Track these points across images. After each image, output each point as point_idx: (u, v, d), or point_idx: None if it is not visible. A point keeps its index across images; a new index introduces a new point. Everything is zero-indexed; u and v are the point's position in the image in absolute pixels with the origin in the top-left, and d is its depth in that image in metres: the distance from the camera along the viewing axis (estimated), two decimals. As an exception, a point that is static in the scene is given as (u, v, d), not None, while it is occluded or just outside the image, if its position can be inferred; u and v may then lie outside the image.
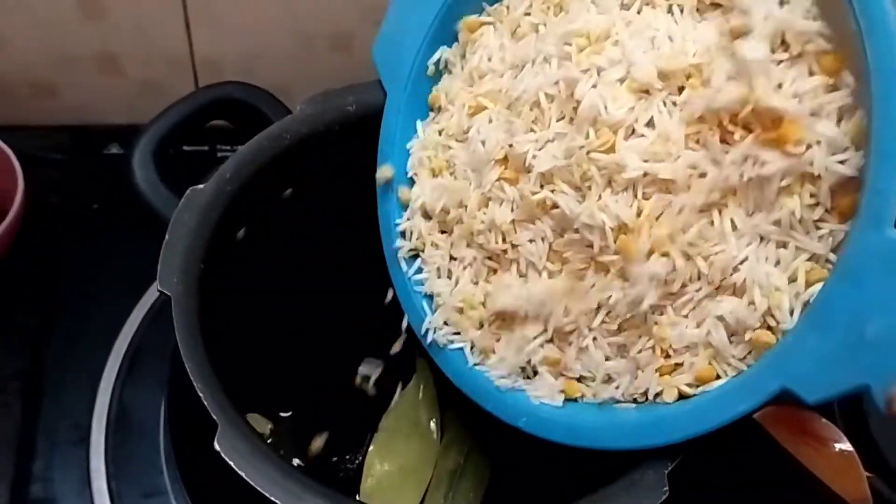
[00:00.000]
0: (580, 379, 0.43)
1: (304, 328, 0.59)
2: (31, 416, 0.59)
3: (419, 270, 0.50)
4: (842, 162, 0.35)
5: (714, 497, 0.51)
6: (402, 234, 0.51)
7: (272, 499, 0.38)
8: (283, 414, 0.60)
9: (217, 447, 0.39)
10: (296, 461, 0.57)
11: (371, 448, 0.56)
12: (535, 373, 0.44)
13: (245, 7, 0.71)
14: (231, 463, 0.39)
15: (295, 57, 0.74)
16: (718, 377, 0.39)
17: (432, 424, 0.57)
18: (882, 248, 0.33)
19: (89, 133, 0.75)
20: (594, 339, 0.42)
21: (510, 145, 0.43)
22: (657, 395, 0.41)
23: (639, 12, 0.41)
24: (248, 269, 0.51)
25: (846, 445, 0.64)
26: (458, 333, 0.47)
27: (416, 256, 0.50)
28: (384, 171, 0.50)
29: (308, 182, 0.53)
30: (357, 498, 0.53)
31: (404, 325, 0.51)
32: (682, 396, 0.40)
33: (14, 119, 0.72)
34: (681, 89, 0.39)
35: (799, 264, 0.37)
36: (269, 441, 0.56)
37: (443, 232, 0.49)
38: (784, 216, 0.37)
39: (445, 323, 0.48)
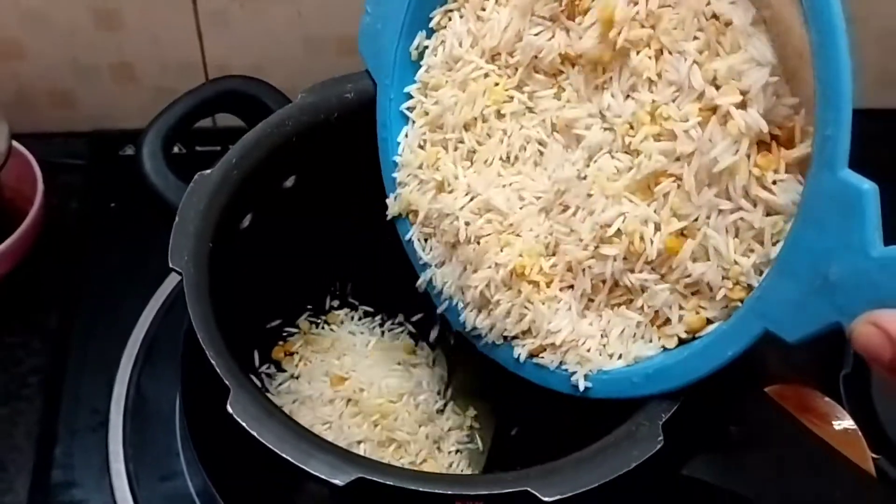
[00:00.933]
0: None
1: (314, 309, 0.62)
2: (51, 406, 0.61)
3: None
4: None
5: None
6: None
7: (284, 456, 0.39)
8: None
9: (230, 410, 0.40)
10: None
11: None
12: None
13: (254, 15, 0.74)
14: (244, 424, 0.40)
15: (304, 61, 0.76)
16: (710, 322, 0.41)
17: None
18: (836, 190, 0.34)
19: (106, 137, 0.78)
20: (612, 307, 0.45)
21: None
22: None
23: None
24: (255, 253, 0.52)
25: (848, 423, 0.65)
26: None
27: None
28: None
29: (311, 169, 0.54)
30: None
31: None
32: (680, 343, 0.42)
33: (35, 127, 0.74)
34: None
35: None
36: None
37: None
38: (732, 186, 0.38)
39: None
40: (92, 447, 0.59)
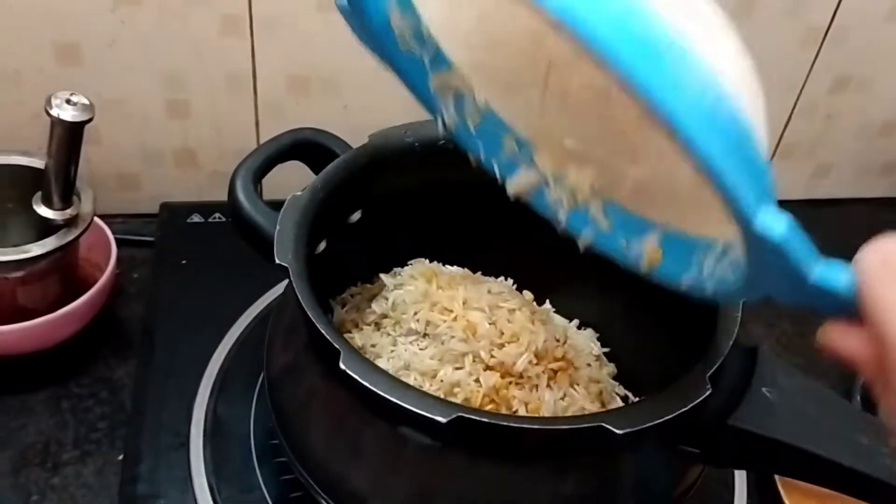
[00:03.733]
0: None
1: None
2: (135, 433, 0.66)
3: None
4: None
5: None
6: None
7: (394, 401, 0.46)
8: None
9: (343, 367, 0.47)
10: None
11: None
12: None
13: (308, 108, 0.85)
14: (357, 378, 0.46)
15: (346, 146, 0.86)
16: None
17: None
18: (759, 242, 0.35)
19: (172, 208, 0.86)
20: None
21: None
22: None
23: None
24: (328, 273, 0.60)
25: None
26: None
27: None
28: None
29: (374, 204, 0.65)
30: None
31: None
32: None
33: (100, 208, 0.82)
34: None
35: None
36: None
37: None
38: None
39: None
40: (175, 463, 0.63)
